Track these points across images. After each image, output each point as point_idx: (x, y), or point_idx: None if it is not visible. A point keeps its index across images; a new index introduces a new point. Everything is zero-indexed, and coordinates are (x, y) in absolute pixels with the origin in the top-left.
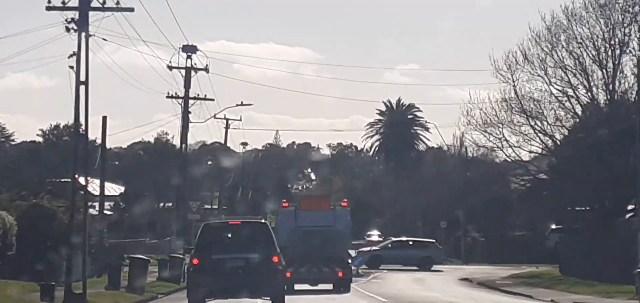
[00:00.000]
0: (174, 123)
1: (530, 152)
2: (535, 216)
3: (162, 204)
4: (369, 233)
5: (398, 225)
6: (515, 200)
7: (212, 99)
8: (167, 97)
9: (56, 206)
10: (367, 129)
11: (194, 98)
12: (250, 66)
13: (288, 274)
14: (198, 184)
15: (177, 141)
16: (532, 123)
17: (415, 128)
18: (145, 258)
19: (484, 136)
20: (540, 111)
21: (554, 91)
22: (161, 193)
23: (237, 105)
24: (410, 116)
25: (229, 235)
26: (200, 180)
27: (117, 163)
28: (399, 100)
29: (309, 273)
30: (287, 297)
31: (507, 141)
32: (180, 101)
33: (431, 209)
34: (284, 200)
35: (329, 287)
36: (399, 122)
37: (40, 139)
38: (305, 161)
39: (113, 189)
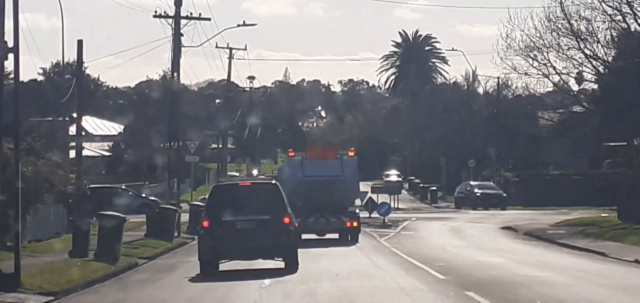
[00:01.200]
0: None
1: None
2: (569, 154)
3: (167, 144)
4: (386, 172)
5: (417, 162)
6: (548, 135)
7: (208, 19)
8: (155, 16)
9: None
10: (381, 62)
11: (187, 17)
12: (258, 4)
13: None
14: (203, 123)
15: (183, 79)
16: (582, 46)
17: (433, 60)
18: (119, 215)
19: (527, 61)
20: (592, 31)
21: (607, 8)
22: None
23: (238, 26)
24: (427, 48)
25: (239, 197)
26: (205, 119)
27: (121, 101)
28: (416, 31)
29: (317, 224)
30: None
31: (553, 67)
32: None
33: (454, 145)
34: (291, 149)
35: (336, 236)
36: (415, 54)
37: (42, 78)
38: (316, 98)
39: (113, 128)
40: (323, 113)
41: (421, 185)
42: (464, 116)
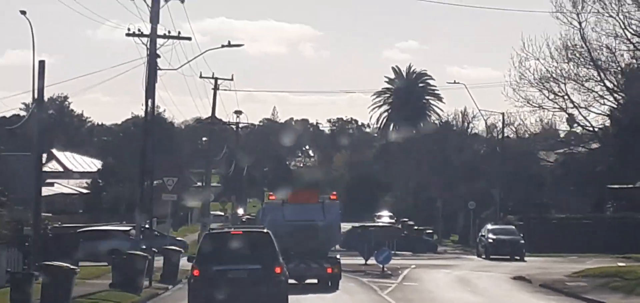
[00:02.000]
0: (168, 97)
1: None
2: (571, 196)
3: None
4: (378, 213)
5: (411, 204)
6: (551, 175)
7: (189, 38)
8: (128, 35)
9: None
10: (373, 98)
11: (164, 36)
12: (249, 43)
13: None
14: (188, 160)
15: (168, 115)
16: (602, 76)
17: (426, 97)
18: (66, 265)
19: (542, 93)
20: (615, 61)
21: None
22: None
23: (223, 46)
24: (421, 85)
25: (231, 245)
26: (190, 157)
27: (105, 138)
28: (409, 67)
29: (297, 269)
30: None
31: (571, 100)
32: (146, 40)
33: (451, 186)
34: (271, 193)
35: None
36: (409, 90)
37: (24, 113)
38: (304, 137)
39: (93, 165)
40: (311, 152)
41: (416, 228)
42: (462, 155)
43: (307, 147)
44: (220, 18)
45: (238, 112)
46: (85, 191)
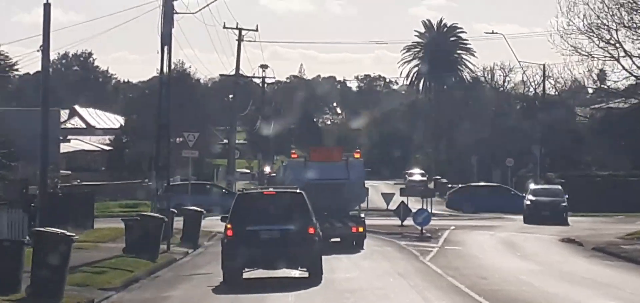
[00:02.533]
0: (194, 55)
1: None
2: (609, 153)
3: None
4: (409, 171)
5: (444, 161)
6: (594, 132)
7: None
8: None
9: None
10: (403, 53)
11: None
12: (275, 1)
13: None
14: (214, 118)
15: (194, 71)
16: None
17: (458, 51)
18: (60, 232)
19: (592, 41)
20: None
21: None
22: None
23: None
24: (452, 38)
25: (264, 206)
26: (216, 114)
27: (131, 95)
28: (440, 20)
29: (321, 229)
30: None
31: (623, 49)
32: None
33: (486, 143)
34: (293, 151)
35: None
36: (440, 45)
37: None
38: (332, 94)
39: (117, 121)
40: (339, 110)
41: (450, 186)
42: (498, 110)
43: (335, 104)
44: None
45: (264, 67)
46: (108, 148)
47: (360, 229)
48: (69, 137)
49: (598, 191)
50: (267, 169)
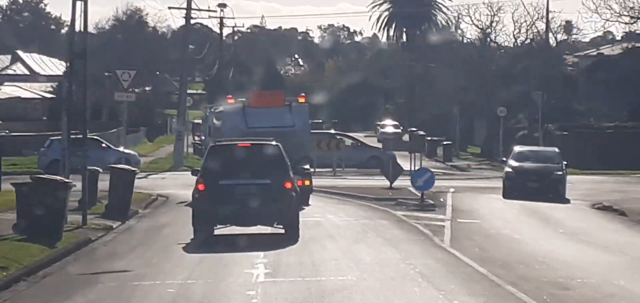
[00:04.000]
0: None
1: None
2: (603, 102)
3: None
4: (381, 122)
5: (418, 112)
6: (588, 81)
7: None
8: None
9: None
10: None
11: None
12: None
13: None
14: (173, 69)
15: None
16: None
17: None
18: None
19: None
20: None
21: None
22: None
23: None
24: None
25: (238, 158)
26: (174, 65)
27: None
28: None
29: None
30: None
31: None
32: None
33: (467, 91)
34: (229, 95)
35: None
36: None
37: None
38: (293, 44)
39: (63, 67)
40: (301, 61)
41: (428, 138)
42: (481, 55)
43: (297, 56)
44: None
45: (222, 6)
46: (50, 95)
47: (307, 182)
48: (5, 83)
49: (605, 145)
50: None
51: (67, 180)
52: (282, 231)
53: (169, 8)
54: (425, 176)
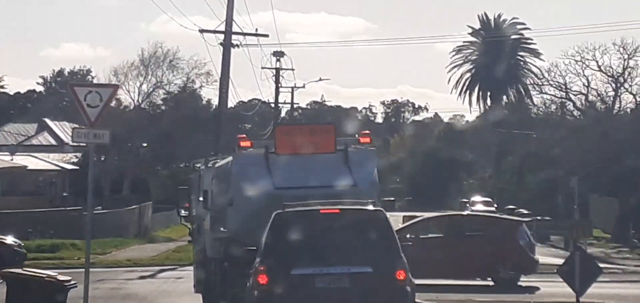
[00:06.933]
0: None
1: None
2: None
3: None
4: (470, 199)
5: (511, 186)
6: None
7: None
8: (201, 31)
9: None
10: (452, 56)
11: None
12: (302, 35)
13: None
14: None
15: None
16: None
17: (521, 53)
18: None
19: None
20: None
21: None
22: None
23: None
24: (514, 36)
25: (321, 233)
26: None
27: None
28: (498, 14)
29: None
30: None
31: None
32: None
33: (588, 163)
34: (242, 137)
35: None
36: (498, 44)
37: (42, 88)
38: (355, 122)
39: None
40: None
41: (539, 218)
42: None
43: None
44: (273, 11)
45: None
46: (72, 167)
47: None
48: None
49: None
50: None
51: None
52: None
53: (201, 31)
54: None
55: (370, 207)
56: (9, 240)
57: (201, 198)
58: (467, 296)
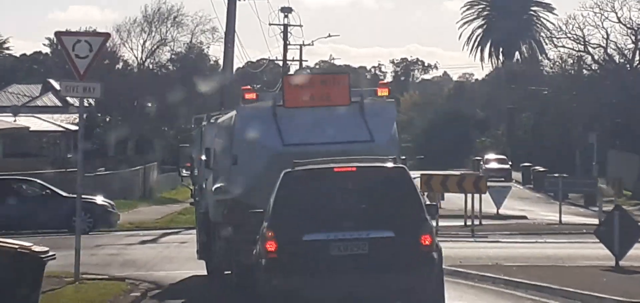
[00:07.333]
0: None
1: None
2: None
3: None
4: (484, 157)
5: (526, 143)
6: None
7: None
8: None
9: None
10: (463, 12)
11: None
12: None
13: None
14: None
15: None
16: None
17: (533, 8)
18: None
19: None
20: None
21: None
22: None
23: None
24: None
25: (334, 193)
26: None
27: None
28: None
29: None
30: None
31: None
32: None
33: (605, 118)
34: (247, 87)
35: None
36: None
37: (48, 50)
38: (364, 81)
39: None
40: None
41: (556, 175)
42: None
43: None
44: None
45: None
46: (76, 128)
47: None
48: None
49: None
50: None
51: None
52: None
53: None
54: None
55: (390, 164)
56: (99, 200)
57: (203, 157)
58: (493, 260)
